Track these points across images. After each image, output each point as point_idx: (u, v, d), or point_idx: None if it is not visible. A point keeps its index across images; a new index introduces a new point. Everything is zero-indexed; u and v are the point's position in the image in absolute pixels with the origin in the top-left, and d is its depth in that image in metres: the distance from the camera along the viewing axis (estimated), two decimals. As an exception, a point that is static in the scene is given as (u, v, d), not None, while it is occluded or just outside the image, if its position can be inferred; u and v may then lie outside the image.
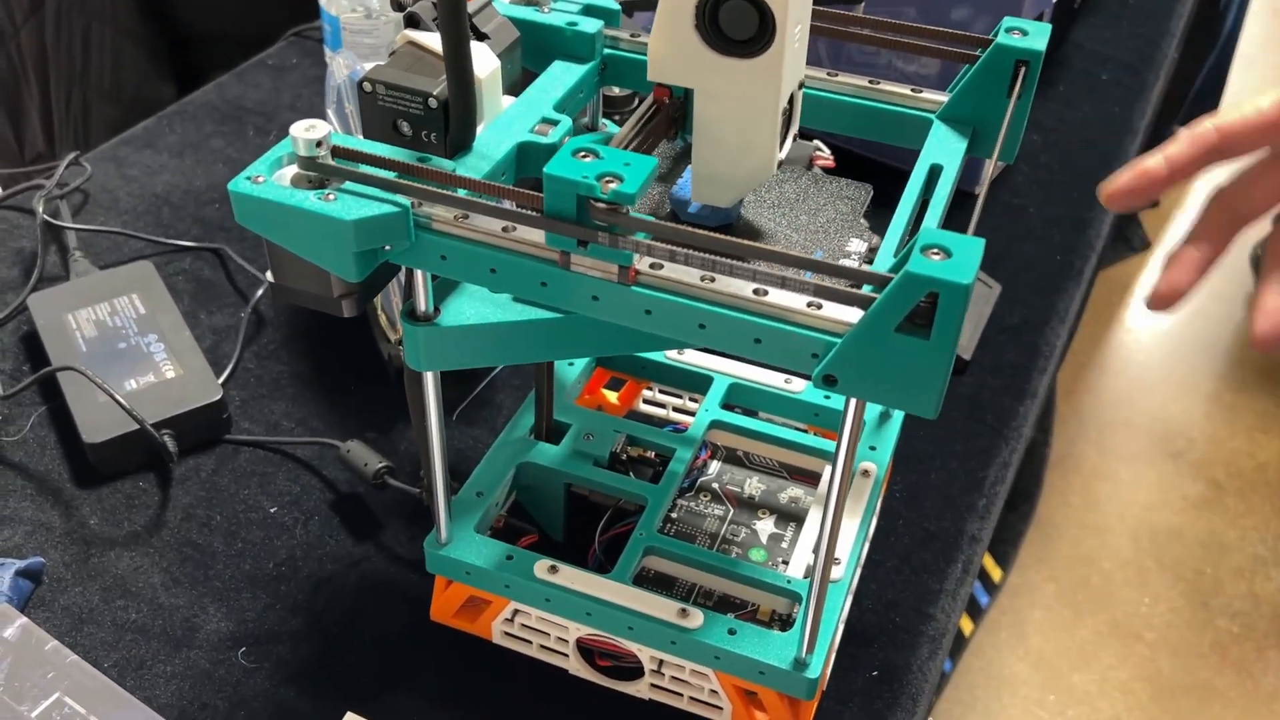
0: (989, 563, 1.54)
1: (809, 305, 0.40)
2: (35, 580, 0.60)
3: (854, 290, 0.39)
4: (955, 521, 0.67)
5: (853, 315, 0.39)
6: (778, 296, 0.40)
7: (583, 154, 0.41)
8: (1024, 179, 0.96)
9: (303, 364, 0.75)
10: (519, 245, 0.43)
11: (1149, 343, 1.96)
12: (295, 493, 0.67)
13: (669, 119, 0.50)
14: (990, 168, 0.48)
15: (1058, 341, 0.81)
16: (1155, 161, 0.48)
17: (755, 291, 0.41)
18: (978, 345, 0.79)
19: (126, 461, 0.66)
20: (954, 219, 0.42)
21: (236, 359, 0.74)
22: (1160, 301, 0.48)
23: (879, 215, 0.49)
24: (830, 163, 0.74)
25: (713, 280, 0.41)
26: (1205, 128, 0.47)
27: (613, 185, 0.39)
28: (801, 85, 0.48)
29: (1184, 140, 0.47)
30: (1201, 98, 2.28)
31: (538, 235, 0.42)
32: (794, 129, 0.48)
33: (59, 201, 0.84)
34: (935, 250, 0.37)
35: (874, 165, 0.52)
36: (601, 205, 0.40)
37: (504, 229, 0.43)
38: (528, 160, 0.49)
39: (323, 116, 0.89)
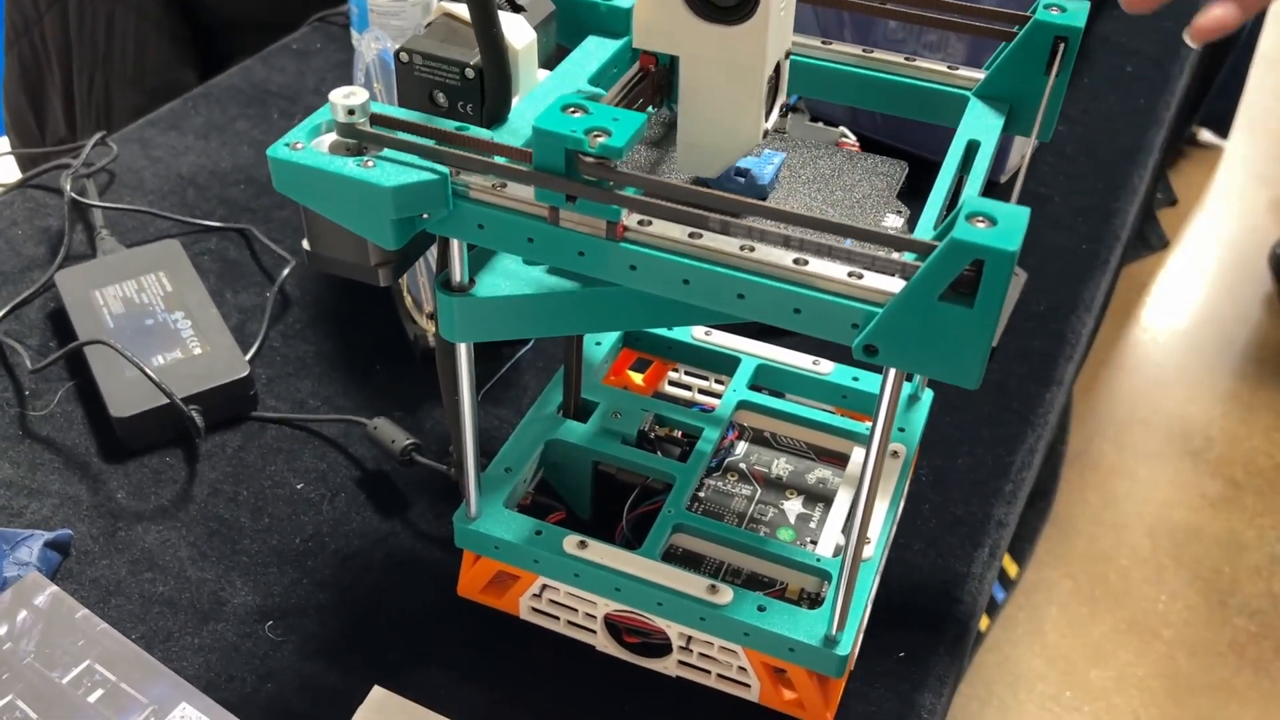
0: (1005, 559, 1.54)
1: (850, 275, 0.40)
2: (63, 552, 0.60)
3: (896, 260, 0.39)
4: (982, 506, 0.67)
5: (894, 285, 0.39)
6: (818, 265, 0.40)
7: (572, 109, 0.41)
8: (1050, 168, 0.96)
9: (328, 343, 0.75)
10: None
11: (1166, 341, 1.95)
12: (322, 469, 0.67)
13: (655, 86, 0.50)
14: (1031, 145, 0.47)
15: (1084, 330, 0.81)
16: None
17: (795, 261, 0.40)
18: (1004, 332, 0.78)
19: (153, 436, 0.67)
20: None
21: (262, 338, 0.74)
22: (1199, 34, 0.48)
23: (909, 201, 0.48)
24: (855, 148, 0.74)
25: (752, 250, 0.41)
26: None
27: (601, 139, 0.39)
28: (788, 55, 0.48)
29: None
30: (1222, 95, 2.27)
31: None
32: (781, 98, 0.48)
33: (85, 180, 0.84)
34: (980, 218, 0.37)
35: (899, 153, 0.52)
36: (590, 159, 0.40)
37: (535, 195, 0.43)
38: (563, 133, 0.49)
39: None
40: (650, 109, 0.53)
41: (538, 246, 0.44)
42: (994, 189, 0.93)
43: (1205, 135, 2.41)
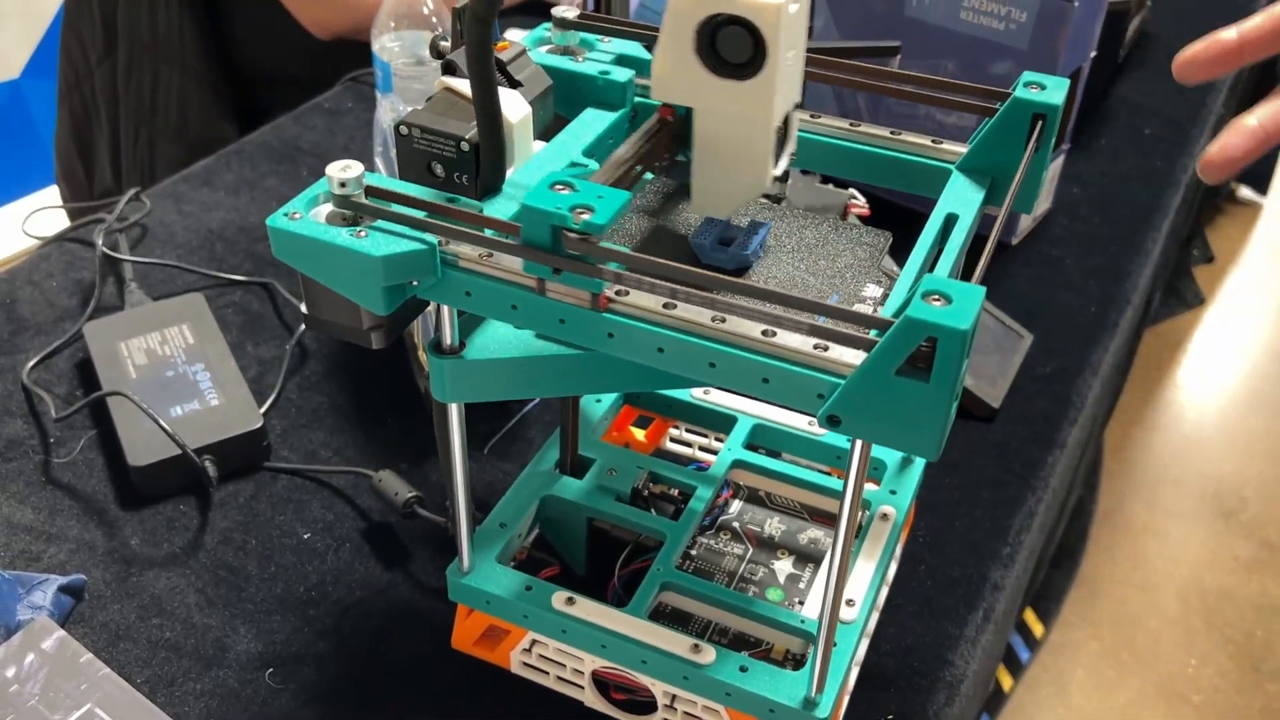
0: (1031, 618, 1.53)
1: (815, 347, 0.41)
2: (77, 596, 0.63)
3: (859, 334, 0.40)
4: (978, 568, 0.67)
5: (857, 357, 0.40)
6: (785, 338, 0.41)
7: (560, 186, 0.43)
8: (1063, 230, 0.97)
9: (342, 396, 0.77)
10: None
11: (1201, 400, 1.93)
12: (329, 520, 0.68)
13: (671, 135, 0.52)
14: (1002, 216, 0.48)
15: (1089, 393, 0.81)
16: (1227, 32, 0.47)
17: (764, 333, 0.42)
18: (1008, 394, 0.79)
19: (169, 485, 0.69)
20: (990, 267, 0.43)
21: (279, 389, 0.77)
22: (1211, 169, 0.46)
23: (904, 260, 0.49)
24: (865, 210, 0.76)
25: (723, 320, 0.42)
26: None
27: (584, 216, 0.41)
28: (798, 106, 0.50)
29: (1260, 15, 0.47)
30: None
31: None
32: (790, 147, 0.50)
33: (118, 235, 0.87)
34: (936, 296, 0.38)
35: (907, 213, 0.53)
36: (573, 235, 0.41)
37: (523, 266, 0.44)
38: (555, 202, 0.51)
39: (372, 157, 0.92)
40: (647, 174, 0.55)
41: (521, 314, 0.45)
42: (1005, 250, 0.94)
43: (1244, 192, 2.40)
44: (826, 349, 0.41)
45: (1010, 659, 1.47)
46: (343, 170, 0.45)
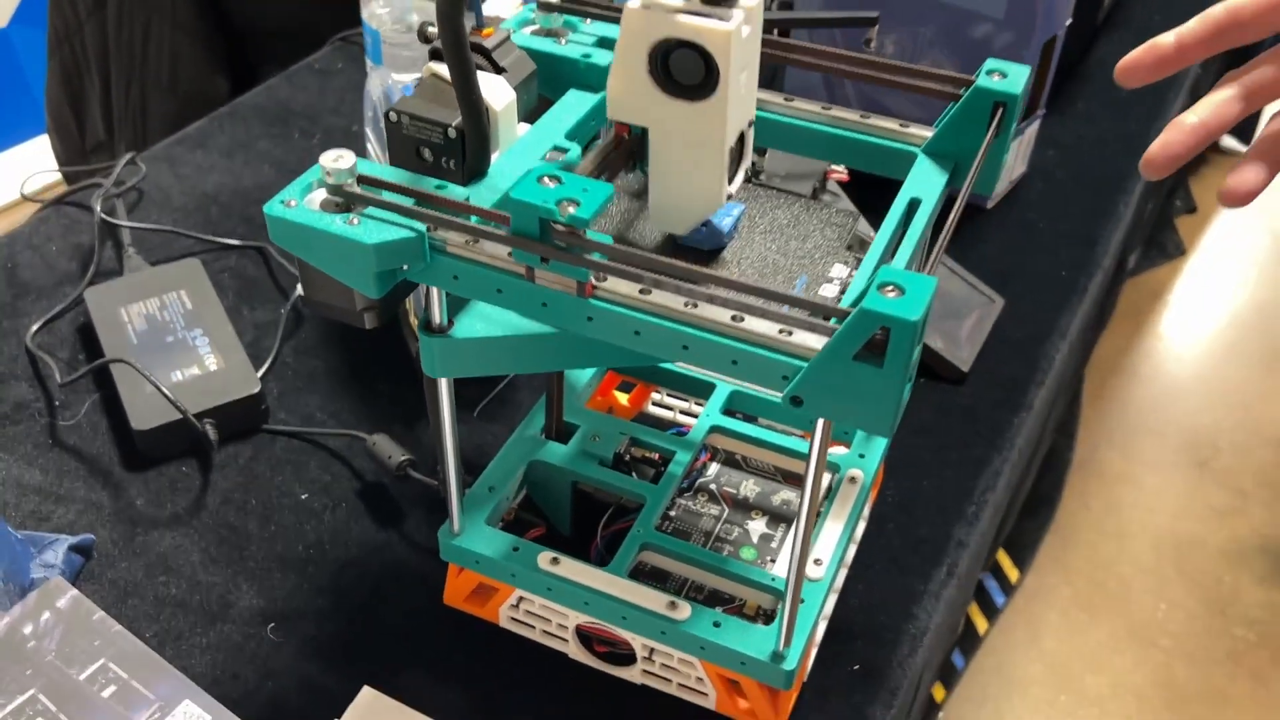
0: (1006, 563, 1.57)
1: (780, 331, 0.44)
2: (86, 555, 0.66)
3: (820, 321, 0.43)
4: (944, 527, 0.71)
5: (819, 342, 0.43)
6: (752, 323, 0.44)
7: (546, 179, 0.45)
8: (1037, 194, 0.99)
9: (337, 359, 0.80)
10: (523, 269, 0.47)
11: (1180, 350, 1.97)
12: (325, 481, 0.72)
13: (628, 152, 0.54)
14: (962, 197, 0.51)
15: (1056, 355, 0.84)
16: (1165, 38, 0.49)
17: (733, 318, 0.45)
18: (978, 358, 0.82)
19: (171, 447, 0.72)
20: (964, 231, 0.45)
21: (275, 353, 0.79)
22: (1152, 167, 0.48)
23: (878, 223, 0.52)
24: (844, 176, 0.78)
25: (695, 306, 0.45)
26: (1216, 8, 0.48)
27: (570, 209, 0.44)
28: (752, 123, 0.51)
29: (1195, 20, 0.48)
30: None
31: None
32: (745, 163, 0.52)
33: (115, 200, 0.89)
34: (891, 287, 0.41)
35: (886, 181, 0.55)
36: (560, 227, 0.44)
37: (509, 253, 0.47)
38: (538, 186, 0.53)
39: (362, 120, 0.94)
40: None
41: (506, 297, 0.48)
42: (980, 214, 0.96)
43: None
44: (790, 334, 0.44)
45: (985, 602, 1.52)
46: (335, 160, 0.47)
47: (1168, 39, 0.50)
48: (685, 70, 0.46)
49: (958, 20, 0.90)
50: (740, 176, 0.52)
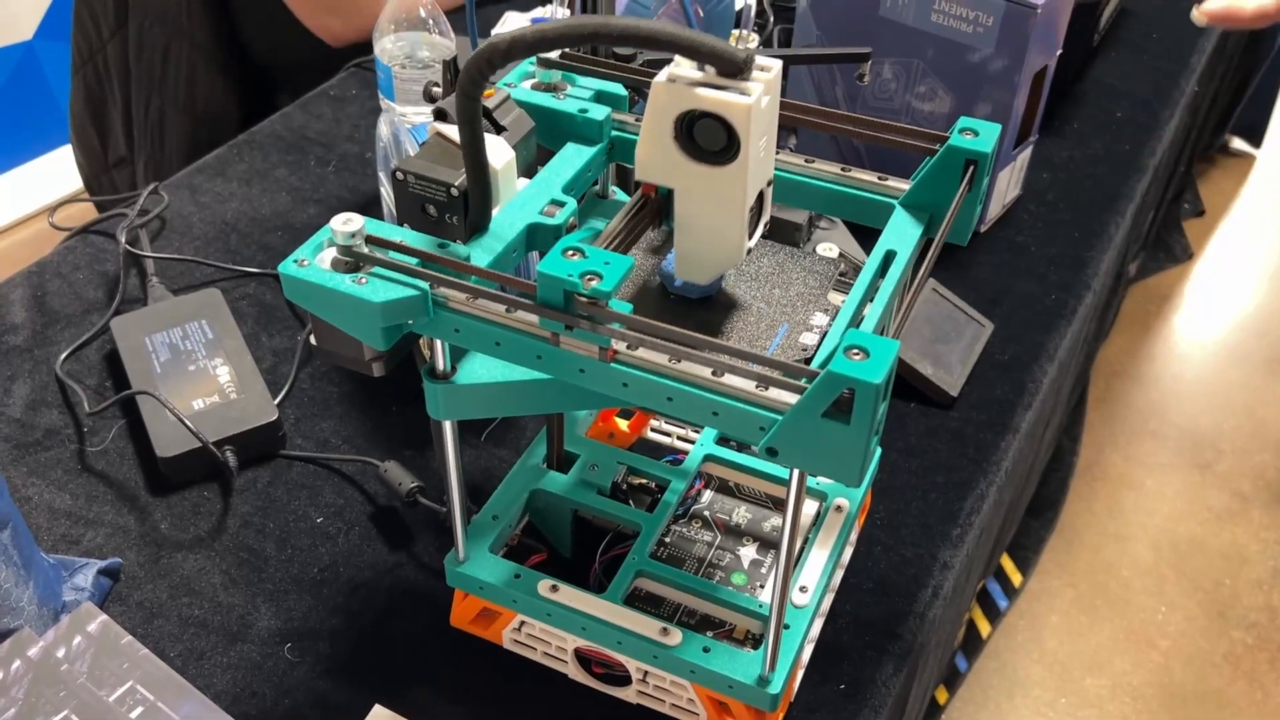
0: (1010, 566, 1.60)
1: (757, 386, 0.47)
2: (114, 578, 0.70)
3: (790, 380, 0.46)
4: (930, 549, 0.74)
5: (792, 398, 0.46)
6: (731, 379, 0.48)
7: (571, 253, 0.48)
8: (1030, 216, 1.02)
9: (351, 386, 0.84)
10: (518, 324, 0.50)
11: (1185, 353, 1.99)
12: (339, 505, 0.75)
13: (655, 210, 0.57)
14: (937, 245, 0.54)
15: (1044, 378, 0.87)
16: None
17: (713, 373, 0.48)
18: (967, 381, 0.85)
19: (194, 473, 0.76)
20: (956, 255, 0.48)
21: (292, 380, 0.83)
22: (1209, 14, 0.49)
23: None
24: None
25: (678, 362, 0.48)
26: None
27: (593, 283, 0.47)
28: (770, 183, 0.55)
29: None
30: (1255, 104, 2.29)
31: (533, 317, 0.50)
32: (765, 218, 0.55)
33: (139, 230, 0.93)
34: (856, 350, 0.44)
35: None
36: (584, 299, 0.47)
37: (506, 310, 0.51)
38: (537, 238, 0.57)
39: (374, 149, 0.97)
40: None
41: (503, 349, 0.52)
42: (973, 237, 0.99)
43: (1237, 144, 2.43)
44: (766, 389, 0.47)
45: (988, 606, 1.55)
46: (345, 224, 0.51)
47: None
48: (709, 138, 0.49)
49: (950, 51, 0.93)
50: (760, 231, 0.55)
